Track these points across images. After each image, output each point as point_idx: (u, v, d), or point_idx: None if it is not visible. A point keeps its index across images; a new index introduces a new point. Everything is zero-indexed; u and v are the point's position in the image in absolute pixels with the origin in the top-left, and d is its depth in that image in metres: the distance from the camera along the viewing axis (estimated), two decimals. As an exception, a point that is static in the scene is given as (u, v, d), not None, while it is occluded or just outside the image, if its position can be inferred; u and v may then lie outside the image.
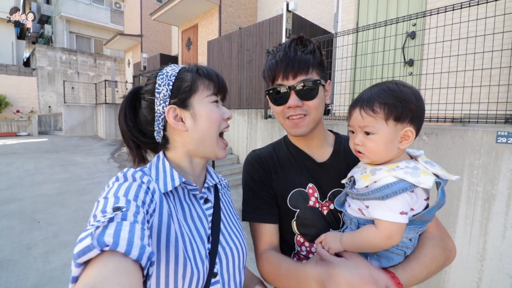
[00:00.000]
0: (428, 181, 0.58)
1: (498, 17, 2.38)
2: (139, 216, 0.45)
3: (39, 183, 5.35)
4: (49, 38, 18.04)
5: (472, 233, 2.18)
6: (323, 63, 0.79)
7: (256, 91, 5.59)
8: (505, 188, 2.02)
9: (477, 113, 2.30)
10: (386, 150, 0.65)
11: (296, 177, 0.83)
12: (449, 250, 0.72)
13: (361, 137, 0.67)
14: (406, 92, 0.63)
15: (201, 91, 0.69)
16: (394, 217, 0.60)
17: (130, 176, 0.58)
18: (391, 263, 0.67)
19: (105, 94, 11.97)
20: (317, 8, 7.10)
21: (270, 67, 0.77)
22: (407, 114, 0.63)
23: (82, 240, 0.37)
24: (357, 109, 0.67)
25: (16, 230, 3.38)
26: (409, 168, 0.61)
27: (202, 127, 0.69)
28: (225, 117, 0.73)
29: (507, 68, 2.31)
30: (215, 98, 0.71)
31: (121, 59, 17.41)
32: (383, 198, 0.60)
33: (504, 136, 1.99)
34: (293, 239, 0.82)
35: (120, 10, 18.56)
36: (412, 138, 0.65)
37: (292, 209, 0.81)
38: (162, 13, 9.64)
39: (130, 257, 0.37)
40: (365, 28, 3.09)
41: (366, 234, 0.65)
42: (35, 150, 8.86)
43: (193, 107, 0.68)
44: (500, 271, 2.07)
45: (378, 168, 0.65)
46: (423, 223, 0.67)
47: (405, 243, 0.67)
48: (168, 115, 0.68)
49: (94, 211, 0.46)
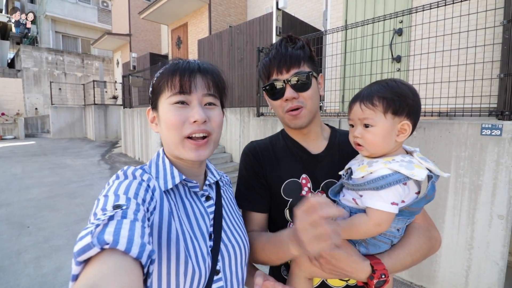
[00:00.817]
0: (421, 174, 0.62)
1: (481, 14, 2.46)
2: (139, 214, 0.45)
3: (28, 187, 5.23)
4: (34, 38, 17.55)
5: (460, 223, 2.25)
6: (313, 58, 0.84)
7: (247, 90, 5.59)
8: (490, 178, 2.09)
9: (463, 106, 2.37)
10: (384, 142, 0.68)
11: (290, 167, 0.86)
12: (434, 240, 0.76)
13: (360, 130, 0.70)
14: (403, 88, 0.68)
15: (165, 92, 0.64)
16: (385, 207, 0.63)
17: (130, 174, 0.59)
18: (378, 251, 0.71)
19: (93, 95, 11.75)
20: (306, 6, 7.14)
21: (264, 65, 0.82)
22: (404, 108, 0.67)
23: (82, 238, 0.36)
24: (357, 103, 0.71)
25: (4, 236, 3.30)
26: (404, 162, 0.65)
27: (163, 131, 0.66)
28: (191, 120, 0.62)
29: (490, 63, 2.39)
30: (177, 99, 0.62)
31: (110, 59, 17.09)
32: (377, 188, 0.64)
33: (488, 128, 2.06)
34: (285, 226, 0.86)
35: (108, 9, 18.19)
36: (408, 131, 0.68)
37: (286, 198, 0.84)
38: (151, 12, 9.50)
39: (130, 255, 0.37)
40: (353, 26, 3.13)
41: (357, 221, 0.68)
42: (22, 153, 8.64)
43: (158, 109, 0.66)
44: (487, 258, 2.14)
45: (375, 161, 0.69)
46: (411, 215, 0.70)
47: (392, 233, 0.70)
48: (148, 116, 0.72)
49: (94, 209, 0.46)
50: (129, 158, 8.22)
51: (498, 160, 2.04)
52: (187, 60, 0.68)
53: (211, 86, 0.66)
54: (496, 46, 2.55)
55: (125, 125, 8.78)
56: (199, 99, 0.64)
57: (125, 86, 8.89)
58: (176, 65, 0.65)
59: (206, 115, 0.64)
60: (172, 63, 0.67)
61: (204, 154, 0.65)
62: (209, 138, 0.66)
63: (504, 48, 2.19)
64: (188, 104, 0.64)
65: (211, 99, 0.67)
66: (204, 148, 0.65)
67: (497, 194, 2.07)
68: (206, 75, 0.66)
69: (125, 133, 8.81)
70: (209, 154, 0.67)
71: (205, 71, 0.66)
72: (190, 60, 0.68)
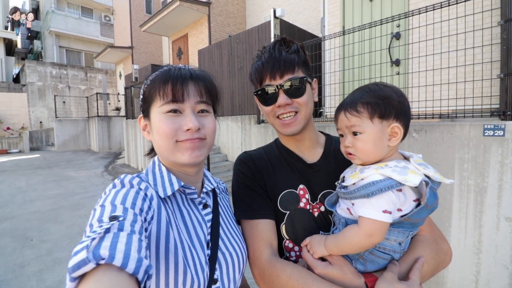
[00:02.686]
0: (414, 180, 0.57)
1: (477, 15, 2.46)
2: (136, 225, 0.44)
3: (32, 200, 5.25)
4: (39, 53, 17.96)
5: (467, 227, 2.20)
6: (307, 62, 0.80)
7: (248, 97, 5.63)
8: (495, 180, 2.05)
9: (464, 108, 2.35)
10: (376, 148, 0.65)
11: (287, 178, 0.82)
12: (443, 254, 0.70)
13: (350, 138, 0.68)
14: (386, 90, 0.65)
15: (156, 100, 0.63)
16: (376, 215, 0.59)
17: (127, 183, 0.57)
18: (377, 268, 0.66)
19: (97, 107, 11.90)
20: (304, 14, 7.23)
21: (257, 69, 0.78)
22: (390, 111, 0.64)
23: (77, 253, 0.35)
24: (342, 112, 0.69)
25: (8, 249, 3.29)
26: (398, 167, 0.61)
27: (155, 138, 0.65)
28: (184, 128, 0.62)
29: (490, 63, 2.38)
30: (170, 107, 0.62)
31: (112, 71, 17.38)
32: (368, 195, 0.60)
33: (491, 129, 2.03)
34: (281, 245, 0.80)
35: (110, 23, 18.62)
36: (400, 134, 0.65)
37: (282, 211, 0.79)
38: (151, 25, 9.71)
39: (126, 271, 0.36)
40: (351, 31, 3.15)
41: (348, 233, 0.64)
42: (26, 166, 8.71)
43: (150, 117, 0.66)
44: (497, 262, 2.08)
45: (367, 167, 0.66)
46: (413, 226, 0.65)
47: (393, 247, 0.65)
48: (139, 123, 0.71)
49: (90, 220, 0.45)
50: (132, 168, 8.25)
51: (502, 161, 2.01)
52: (178, 66, 0.68)
53: (203, 93, 0.66)
54: (495, 46, 2.55)
55: (128, 136, 8.84)
56: (191, 107, 0.64)
57: (127, 98, 9.00)
58: (167, 72, 0.64)
59: (199, 122, 0.63)
60: (164, 71, 0.65)
61: (199, 155, 0.64)
62: (204, 141, 0.66)
63: (503, 48, 2.19)
64: (181, 112, 0.63)
65: (204, 106, 0.66)
66: (199, 149, 0.64)
67: (503, 195, 2.02)
68: (198, 82, 0.65)
69: (128, 144, 8.87)
70: (204, 157, 0.66)
71: (197, 78, 0.66)
72: (181, 67, 0.67)
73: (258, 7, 8.93)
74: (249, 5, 9.33)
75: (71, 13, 18.05)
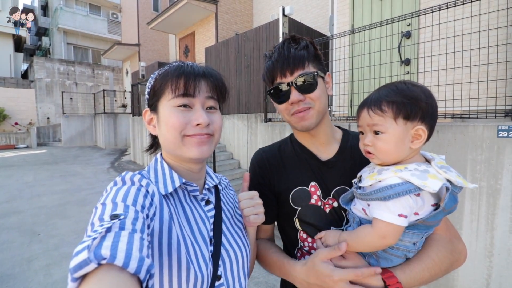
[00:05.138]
0: (435, 185, 0.55)
1: (492, 14, 2.41)
2: (138, 223, 0.44)
3: (39, 195, 5.31)
4: (47, 50, 18.17)
5: (478, 229, 2.16)
6: (318, 57, 0.80)
7: (255, 96, 5.61)
8: (509, 182, 2.00)
9: (477, 108, 2.31)
10: (397, 150, 0.63)
11: (299, 175, 0.83)
12: (457, 253, 0.70)
13: (370, 137, 0.66)
14: (415, 90, 0.62)
15: (166, 94, 0.64)
16: (391, 218, 0.58)
17: (128, 180, 0.57)
18: (390, 265, 0.66)
19: (103, 104, 12.00)
20: (312, 12, 7.18)
21: (268, 69, 0.79)
22: (416, 112, 0.61)
23: (78, 253, 0.35)
24: (365, 109, 0.66)
25: (16, 244, 3.33)
26: (418, 171, 0.59)
27: (162, 132, 0.66)
28: (194, 123, 0.63)
29: (504, 63, 2.32)
30: (180, 102, 0.63)
31: (119, 68, 17.50)
32: (385, 199, 0.59)
33: (505, 130, 1.99)
34: (296, 235, 0.84)
35: (117, 21, 18.75)
36: (424, 137, 0.62)
37: (294, 206, 0.82)
38: (159, 22, 9.73)
39: (128, 270, 0.36)
40: (360, 30, 3.11)
41: (361, 232, 0.64)
42: (34, 162, 8.83)
43: (158, 111, 0.66)
44: (509, 266, 2.04)
45: (385, 168, 0.64)
46: (428, 228, 0.64)
47: (407, 247, 0.65)
48: (144, 117, 0.71)
49: (92, 219, 0.45)
50: (138, 165, 8.30)
51: (517, 163, 1.97)
52: (190, 63, 0.68)
53: (214, 90, 0.68)
54: (510, 46, 2.49)
55: (134, 133, 8.90)
56: (201, 102, 0.65)
57: (134, 95, 9.06)
58: (180, 67, 0.65)
59: (209, 118, 0.65)
60: (176, 66, 0.66)
61: (207, 151, 0.65)
62: (212, 138, 0.67)
63: (518, 48, 2.14)
64: (190, 107, 0.64)
65: (212, 102, 0.68)
66: (206, 144, 0.65)
67: (518, 198, 1.98)
68: (210, 80, 0.67)
69: (134, 140, 8.93)
70: (210, 152, 0.67)
71: (209, 75, 0.67)
72: (193, 64, 0.68)
73: (265, 5, 8.89)
74: (256, 3, 9.30)
75: (79, 10, 18.22)
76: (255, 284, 2.55)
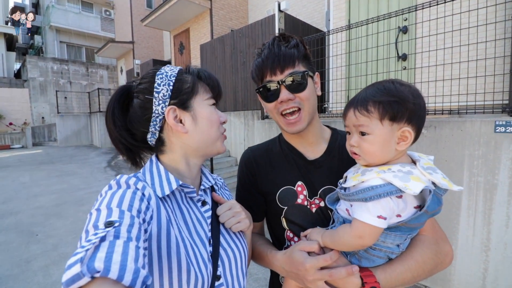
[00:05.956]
0: (416, 188, 0.54)
1: (490, 8, 2.40)
2: (133, 230, 0.43)
3: (36, 195, 5.27)
4: (40, 48, 17.88)
5: (475, 224, 2.18)
6: (308, 56, 0.80)
7: (251, 93, 5.58)
8: (506, 177, 2.02)
9: (474, 104, 2.31)
10: (382, 151, 0.62)
11: (286, 175, 0.84)
12: (443, 255, 0.69)
13: (356, 138, 0.65)
14: (402, 90, 0.60)
15: (202, 94, 0.70)
16: (369, 219, 0.58)
17: (123, 183, 0.56)
18: (373, 265, 0.66)
19: (98, 103, 11.88)
20: (308, 7, 7.13)
21: (257, 66, 0.78)
22: (403, 113, 0.60)
23: (71, 266, 0.34)
24: (351, 109, 0.65)
25: (14, 245, 3.31)
26: (401, 172, 0.58)
27: (203, 128, 0.69)
28: (222, 120, 0.74)
29: (501, 58, 2.32)
30: (213, 101, 0.72)
31: (114, 66, 17.29)
32: (366, 200, 0.58)
33: (502, 125, 2.00)
34: (283, 234, 0.85)
35: (111, 18, 18.47)
36: (410, 139, 0.61)
37: (281, 206, 0.83)
38: (152, 19, 9.60)
39: (122, 283, 0.34)
40: (357, 25, 3.09)
41: (341, 231, 0.64)
42: (30, 162, 8.74)
43: (193, 109, 0.68)
44: (505, 260, 2.07)
45: (369, 169, 0.63)
46: (411, 230, 0.63)
47: (390, 248, 0.64)
48: (168, 116, 0.66)
49: (86, 226, 0.44)
50: (134, 164, 8.25)
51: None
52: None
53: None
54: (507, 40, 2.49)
55: (130, 131, 8.82)
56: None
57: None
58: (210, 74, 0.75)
59: None
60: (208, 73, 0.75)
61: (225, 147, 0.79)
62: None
63: (514, 42, 2.14)
64: None
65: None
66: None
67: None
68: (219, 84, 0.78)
69: (130, 139, 8.85)
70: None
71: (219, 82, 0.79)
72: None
73: (260, 1, 8.81)
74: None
75: (72, 8, 17.89)
76: (255, 281, 2.56)
